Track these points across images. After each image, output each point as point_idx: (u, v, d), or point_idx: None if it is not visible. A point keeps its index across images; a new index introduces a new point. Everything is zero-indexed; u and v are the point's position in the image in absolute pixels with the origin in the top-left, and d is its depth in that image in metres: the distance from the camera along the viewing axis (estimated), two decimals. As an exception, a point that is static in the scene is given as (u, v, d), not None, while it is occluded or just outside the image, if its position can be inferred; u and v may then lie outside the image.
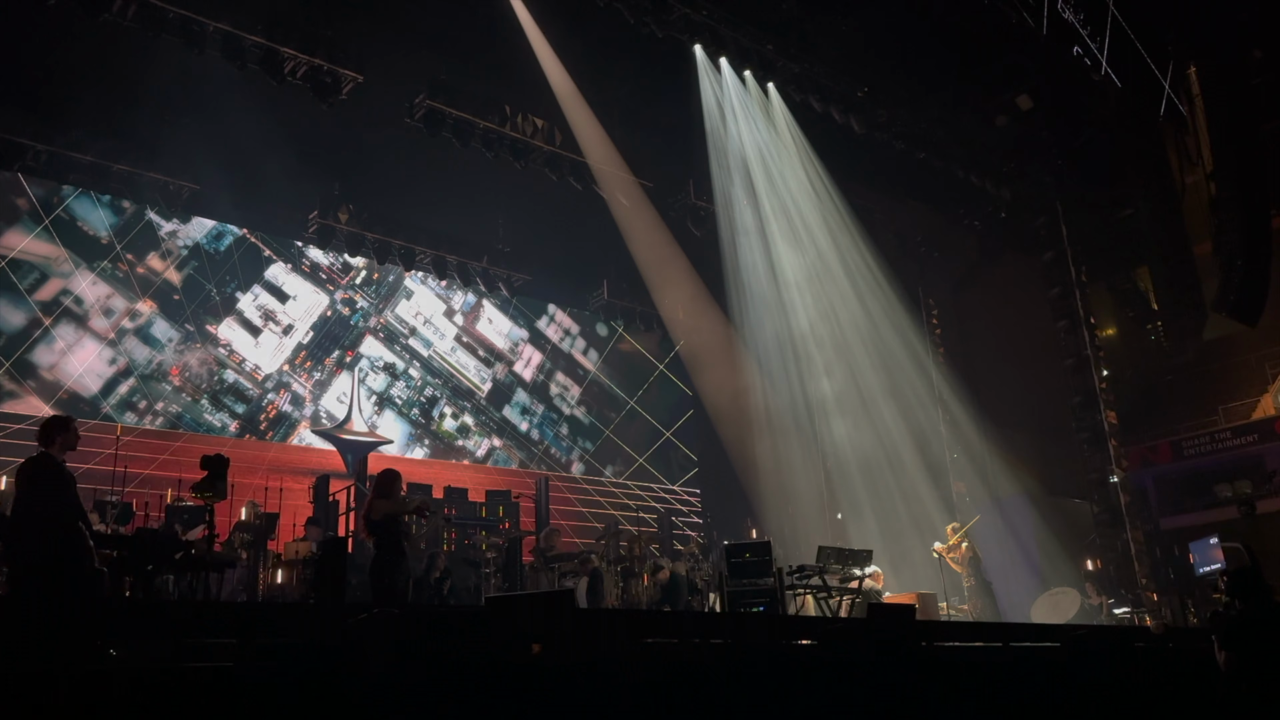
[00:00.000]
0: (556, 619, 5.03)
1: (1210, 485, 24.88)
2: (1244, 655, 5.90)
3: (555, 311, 20.65)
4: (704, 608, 12.25)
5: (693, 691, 5.12)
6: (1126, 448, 20.28)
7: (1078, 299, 19.44)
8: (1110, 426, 18.91)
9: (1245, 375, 26.86)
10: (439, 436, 18.19)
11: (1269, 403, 25.44)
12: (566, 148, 16.39)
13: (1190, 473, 25.51)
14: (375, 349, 17.83)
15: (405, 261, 17.75)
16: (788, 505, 18.90)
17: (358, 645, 4.00)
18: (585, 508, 19.08)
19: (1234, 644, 5.97)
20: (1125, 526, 18.22)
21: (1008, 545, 18.62)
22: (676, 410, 21.54)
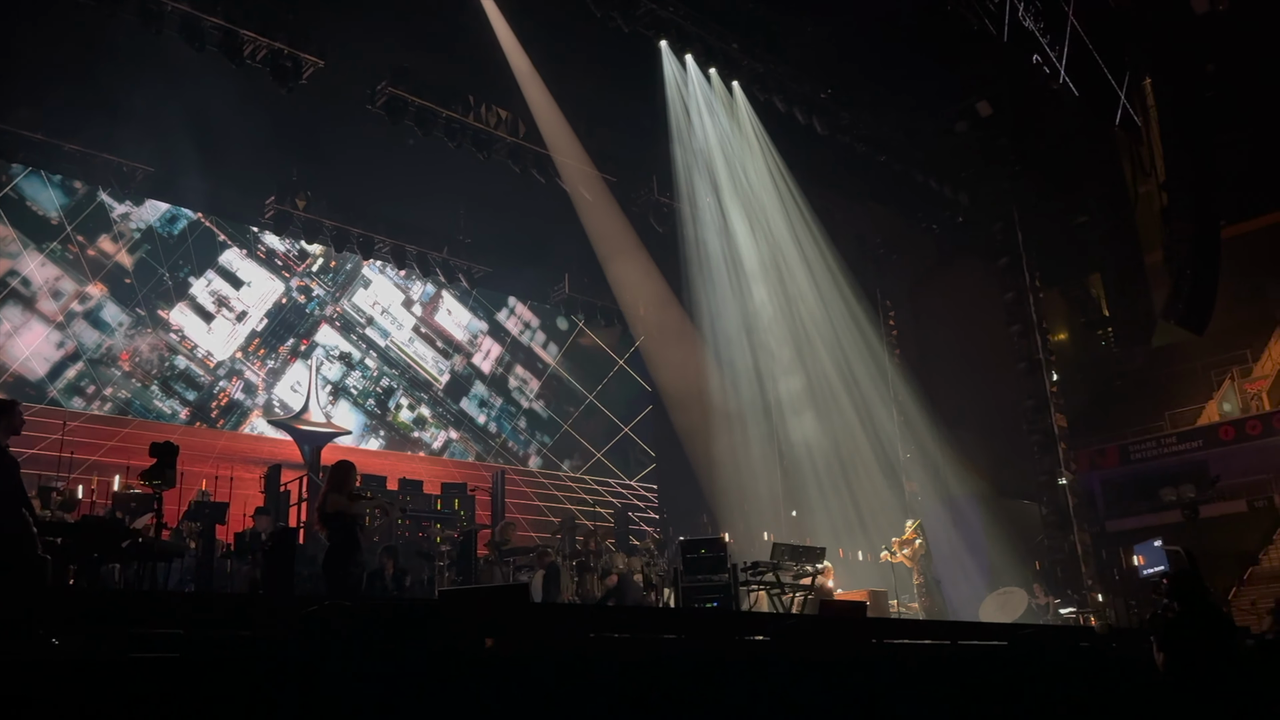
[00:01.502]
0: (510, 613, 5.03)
1: (1156, 489, 25.46)
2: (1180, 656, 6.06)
3: (515, 304, 20.57)
4: (659, 603, 12.29)
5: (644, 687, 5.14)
6: (1075, 451, 20.66)
7: (1031, 304, 19.77)
8: (1060, 430, 19.27)
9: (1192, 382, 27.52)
10: (395, 428, 18.05)
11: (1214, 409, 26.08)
12: (530, 140, 16.33)
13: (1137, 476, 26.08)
14: (331, 338, 17.64)
15: (363, 250, 17.57)
16: (744, 502, 19.02)
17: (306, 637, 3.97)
18: (542, 502, 19.04)
19: (1171, 645, 6.13)
20: (1073, 528, 18.58)
21: (958, 544, 18.90)
22: (635, 405, 21.57)
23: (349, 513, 7.96)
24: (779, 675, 6.02)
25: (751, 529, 18.19)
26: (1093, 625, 13.13)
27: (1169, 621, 6.22)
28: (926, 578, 13.45)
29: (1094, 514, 22.82)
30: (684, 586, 10.87)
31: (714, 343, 19.25)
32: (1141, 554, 15.76)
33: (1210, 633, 6.11)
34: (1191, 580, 6.46)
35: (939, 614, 13.01)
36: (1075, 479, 19.49)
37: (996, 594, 15.28)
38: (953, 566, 17.45)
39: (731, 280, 18.77)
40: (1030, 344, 19.71)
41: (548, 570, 11.57)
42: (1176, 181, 19.39)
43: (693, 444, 19.87)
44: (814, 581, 11.48)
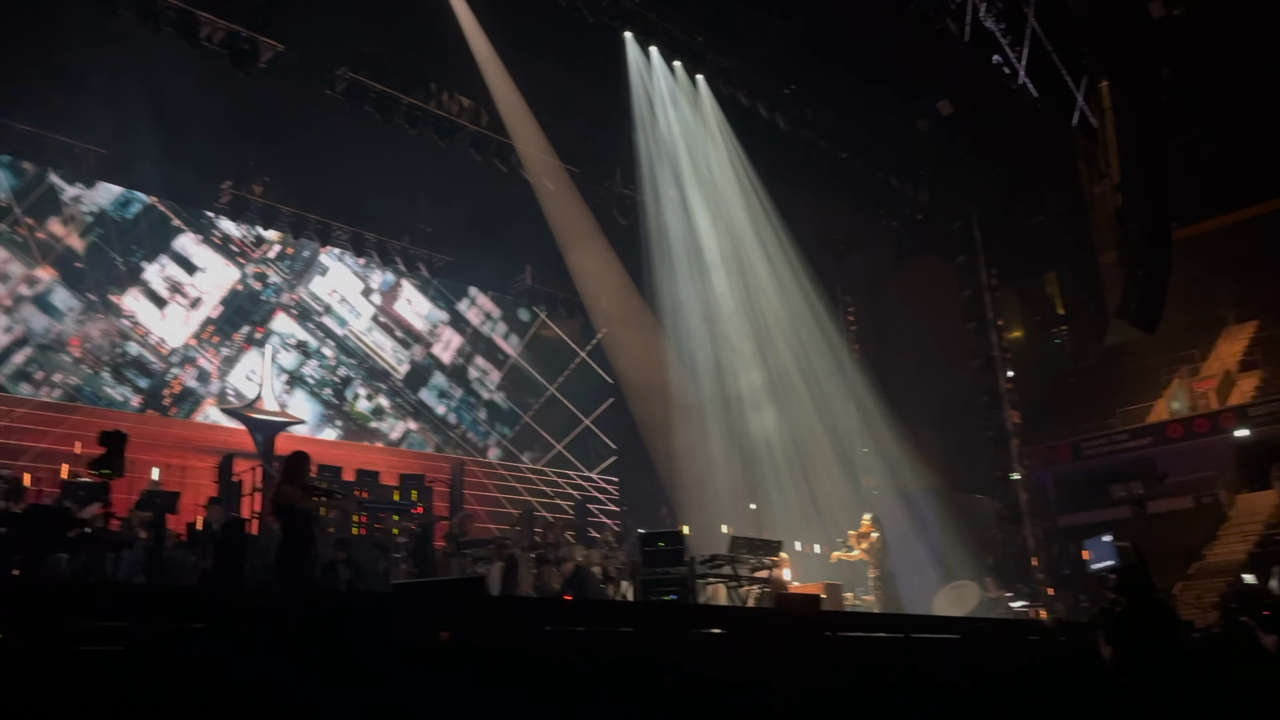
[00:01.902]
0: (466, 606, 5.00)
1: (1106, 485, 25.95)
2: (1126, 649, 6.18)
3: (477, 295, 20.44)
4: (617, 596, 12.29)
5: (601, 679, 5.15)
6: (1029, 447, 21.00)
7: (987, 302, 20.04)
8: (1014, 426, 19.57)
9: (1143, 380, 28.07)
10: (352, 418, 17.87)
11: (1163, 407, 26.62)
12: (493, 129, 16.22)
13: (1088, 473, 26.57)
14: (287, 326, 17.41)
15: (321, 237, 17.35)
16: (704, 495, 19.08)
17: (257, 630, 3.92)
18: (501, 494, 18.97)
19: (1117, 639, 6.25)
20: (1025, 523, 18.90)
21: (913, 538, 19.12)
22: (596, 398, 21.55)
23: (300, 507, 7.86)
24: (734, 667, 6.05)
25: (711, 522, 18.23)
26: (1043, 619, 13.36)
27: (1116, 616, 6.34)
28: (883, 571, 13.57)
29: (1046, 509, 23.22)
30: (642, 579, 10.87)
31: (675, 336, 19.27)
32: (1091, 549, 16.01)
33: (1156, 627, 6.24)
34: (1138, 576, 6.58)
35: (894, 607, 13.15)
36: (1028, 474, 19.82)
37: (950, 587, 15.48)
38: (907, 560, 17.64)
39: (693, 274, 18.80)
40: (986, 341, 19.99)
41: (506, 562, 11.51)
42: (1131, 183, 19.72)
43: (653, 437, 19.90)
44: (770, 574, 11.54)
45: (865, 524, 13.90)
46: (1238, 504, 23.79)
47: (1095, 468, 26.43)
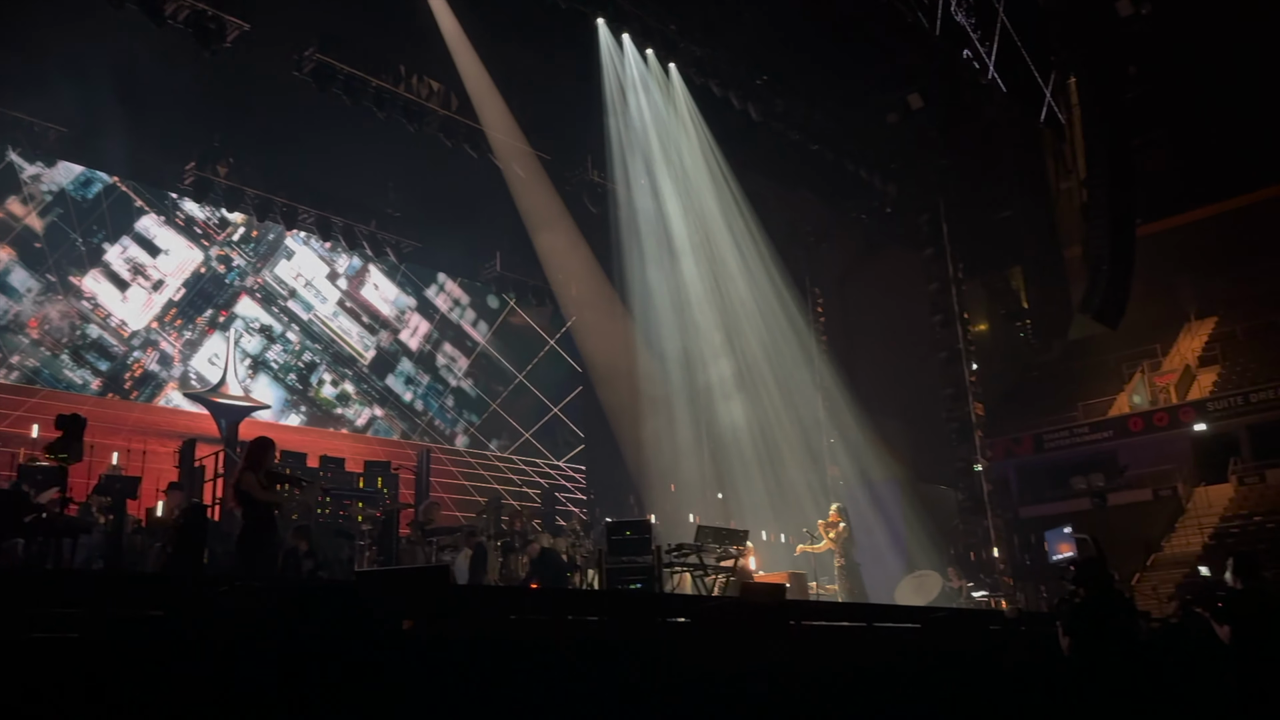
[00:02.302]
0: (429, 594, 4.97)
1: (1067, 477, 26.38)
2: (1084, 641, 6.28)
3: (445, 281, 20.30)
4: (583, 584, 12.29)
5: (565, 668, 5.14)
6: (992, 439, 21.25)
7: (954, 295, 20.22)
8: (978, 418, 19.78)
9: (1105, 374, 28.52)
10: (317, 404, 17.70)
11: (1124, 401, 27.06)
12: (463, 114, 16.08)
13: (1050, 465, 26.98)
14: (251, 310, 17.19)
15: (287, 220, 17.13)
16: (671, 484, 19.13)
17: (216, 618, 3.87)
18: (468, 481, 18.88)
19: (1076, 630, 6.34)
20: (987, 514, 19.12)
21: (877, 528, 19.31)
22: (565, 386, 21.50)
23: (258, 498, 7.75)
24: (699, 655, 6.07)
25: (678, 511, 18.30)
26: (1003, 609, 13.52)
27: (1074, 607, 6.42)
28: (848, 560, 13.65)
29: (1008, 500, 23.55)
30: (608, 568, 10.87)
31: (645, 325, 19.27)
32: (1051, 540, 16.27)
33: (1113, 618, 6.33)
34: (1097, 567, 6.67)
35: (859, 596, 13.25)
36: (991, 466, 20.05)
37: (912, 576, 15.64)
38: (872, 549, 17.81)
39: (663, 263, 18.79)
40: (951, 334, 20.17)
41: (475, 551, 11.46)
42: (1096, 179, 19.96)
43: (621, 426, 19.91)
44: (736, 564, 11.59)
45: (833, 514, 13.99)
46: (1195, 497, 24.27)
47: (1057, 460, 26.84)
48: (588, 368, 21.01)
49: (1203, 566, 18.40)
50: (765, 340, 19.50)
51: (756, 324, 19.39)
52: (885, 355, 22.91)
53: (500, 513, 14.33)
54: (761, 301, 19.39)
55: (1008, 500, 23.56)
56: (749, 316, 19.32)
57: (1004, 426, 25.79)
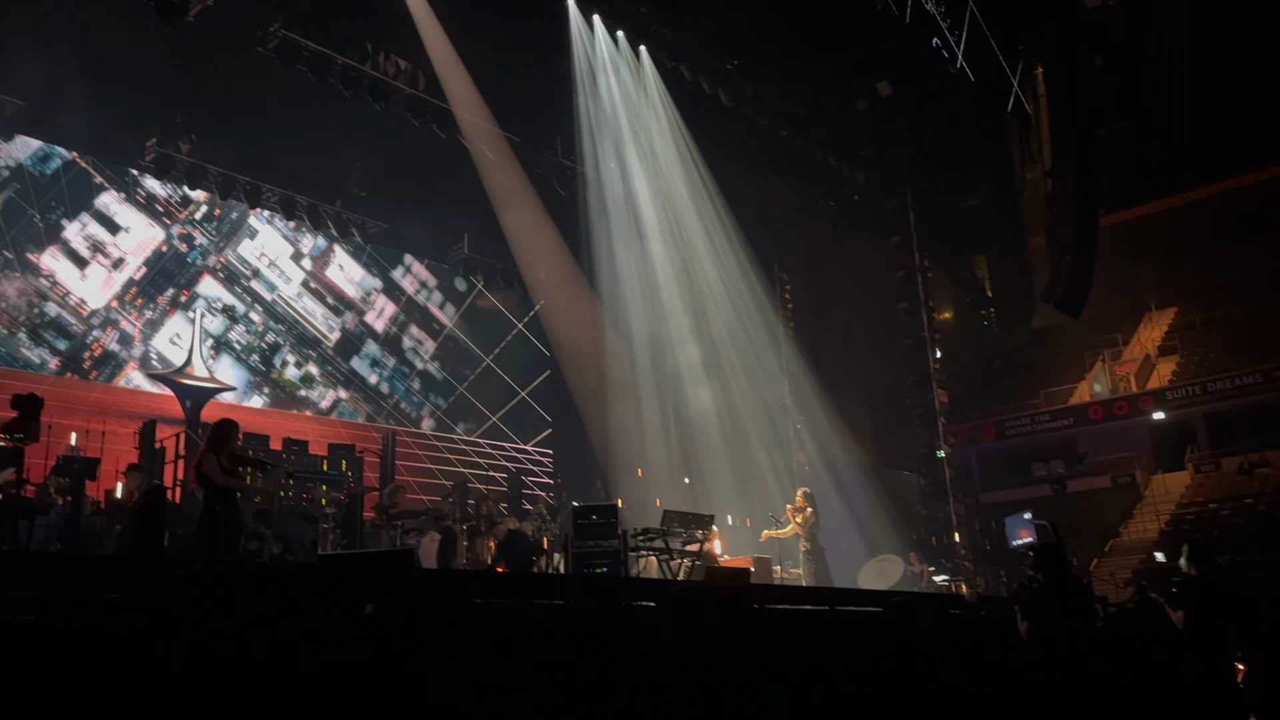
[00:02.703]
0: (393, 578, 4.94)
1: (1028, 464, 26.75)
2: (1042, 625, 6.38)
3: (412, 262, 20.12)
4: (549, 568, 12.29)
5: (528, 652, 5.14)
6: (954, 425, 21.49)
7: (919, 283, 20.38)
8: (941, 405, 19.98)
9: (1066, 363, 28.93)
10: (280, 385, 17.51)
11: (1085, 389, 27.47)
12: (430, 93, 15.90)
13: (1011, 451, 27.35)
14: (214, 289, 16.95)
15: (250, 199, 16.87)
16: (638, 469, 19.15)
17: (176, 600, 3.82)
18: (434, 465, 18.79)
19: (1034, 615, 6.44)
20: (949, 499, 19.35)
21: (841, 513, 19.48)
22: (533, 370, 21.42)
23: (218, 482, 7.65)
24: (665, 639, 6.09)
25: (645, 496, 18.33)
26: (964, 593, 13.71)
27: (1033, 592, 6.52)
28: (814, 545, 13.76)
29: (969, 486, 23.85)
30: (574, 551, 10.88)
31: (613, 309, 19.24)
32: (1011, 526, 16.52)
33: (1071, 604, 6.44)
34: (1055, 553, 6.77)
35: (824, 580, 13.37)
36: (953, 452, 20.27)
37: (875, 561, 15.80)
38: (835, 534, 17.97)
39: (632, 247, 18.75)
40: (916, 321, 20.34)
41: (444, 536, 11.40)
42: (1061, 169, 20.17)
43: (589, 410, 19.89)
44: (701, 548, 11.64)
45: (799, 498, 14.08)
46: (1152, 484, 24.71)
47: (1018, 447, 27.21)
48: (556, 352, 20.95)
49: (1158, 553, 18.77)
50: (733, 325, 19.54)
51: (725, 309, 19.43)
52: (851, 342, 23.07)
53: (467, 496, 14.27)
54: (730, 286, 19.43)
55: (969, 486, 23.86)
56: (717, 301, 19.35)
57: (967, 413, 26.09)
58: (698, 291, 19.26)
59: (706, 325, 19.34)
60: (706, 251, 19.10)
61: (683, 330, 19.45)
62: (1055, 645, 6.33)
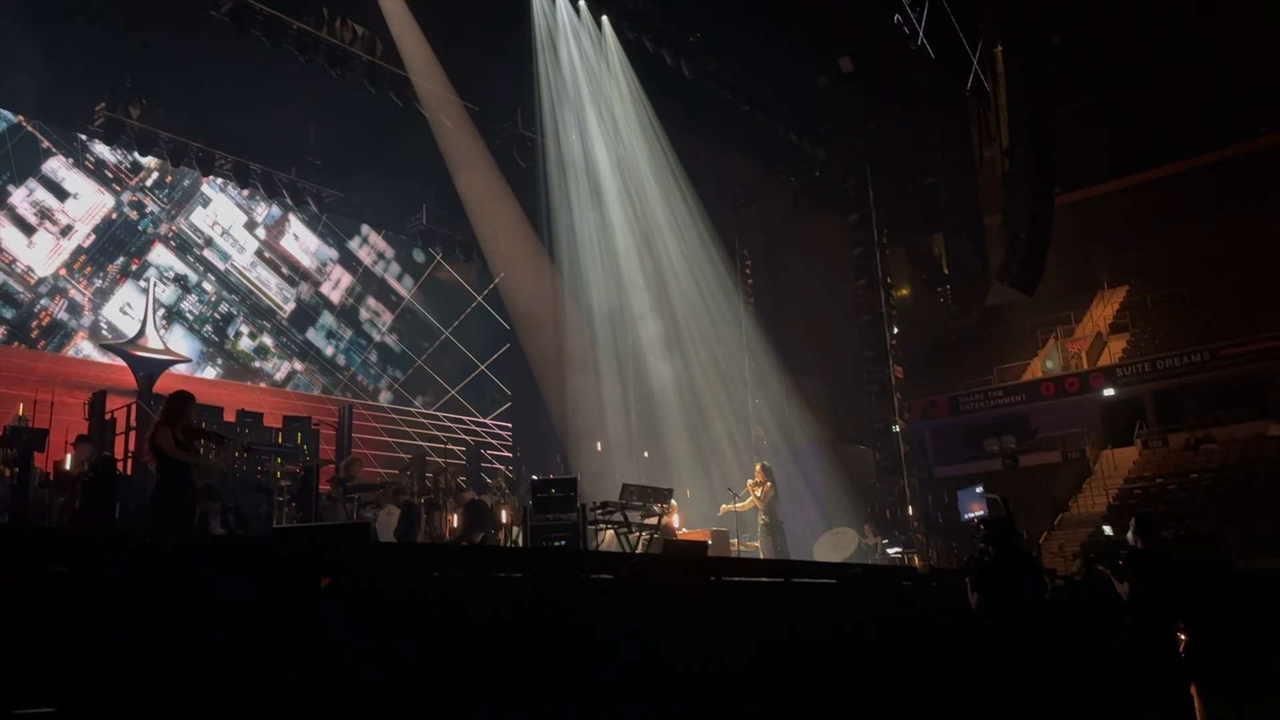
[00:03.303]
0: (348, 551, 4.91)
1: (980, 439, 27.21)
2: (992, 597, 6.52)
3: (369, 233, 19.85)
4: (507, 542, 12.29)
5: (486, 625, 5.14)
6: (910, 401, 21.75)
7: (878, 260, 20.52)
8: (897, 380, 20.20)
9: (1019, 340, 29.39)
10: (234, 356, 17.26)
11: (1038, 366, 27.93)
12: (388, 60, 15.64)
13: (964, 426, 27.79)
14: (165, 258, 16.61)
15: (203, 166, 16.51)
16: (597, 443, 19.18)
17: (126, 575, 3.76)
18: (392, 438, 18.66)
19: (983, 586, 6.58)
20: (903, 473, 19.62)
21: (799, 486, 19.68)
22: (493, 343, 21.31)
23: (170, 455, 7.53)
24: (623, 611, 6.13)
25: (604, 469, 18.38)
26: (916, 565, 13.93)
27: (983, 564, 6.65)
28: (772, 519, 13.87)
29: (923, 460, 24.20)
30: (533, 525, 10.89)
31: (573, 282, 19.16)
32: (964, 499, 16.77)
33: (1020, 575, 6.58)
34: (1006, 526, 6.90)
35: (781, 553, 13.50)
36: (908, 427, 20.53)
37: (830, 533, 15.99)
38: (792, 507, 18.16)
39: (593, 220, 18.66)
40: (874, 298, 20.50)
41: (405, 510, 11.33)
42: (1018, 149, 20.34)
43: (549, 383, 19.84)
44: (660, 521, 11.70)
45: (759, 472, 14.17)
46: (1102, 459, 25.25)
47: (971, 422, 27.65)
48: (515, 325, 20.84)
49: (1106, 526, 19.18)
50: (693, 300, 19.57)
51: (685, 283, 19.43)
52: (810, 317, 23.22)
53: (425, 470, 14.21)
54: (690, 261, 19.43)
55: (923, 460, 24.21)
56: (678, 276, 19.34)
57: (922, 389, 26.43)
58: (658, 266, 19.23)
59: (667, 299, 19.34)
60: (668, 225, 19.07)
61: (643, 304, 19.43)
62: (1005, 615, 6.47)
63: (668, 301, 19.32)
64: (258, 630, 3.85)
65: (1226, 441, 23.64)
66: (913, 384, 22.80)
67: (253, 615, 3.88)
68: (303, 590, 4.19)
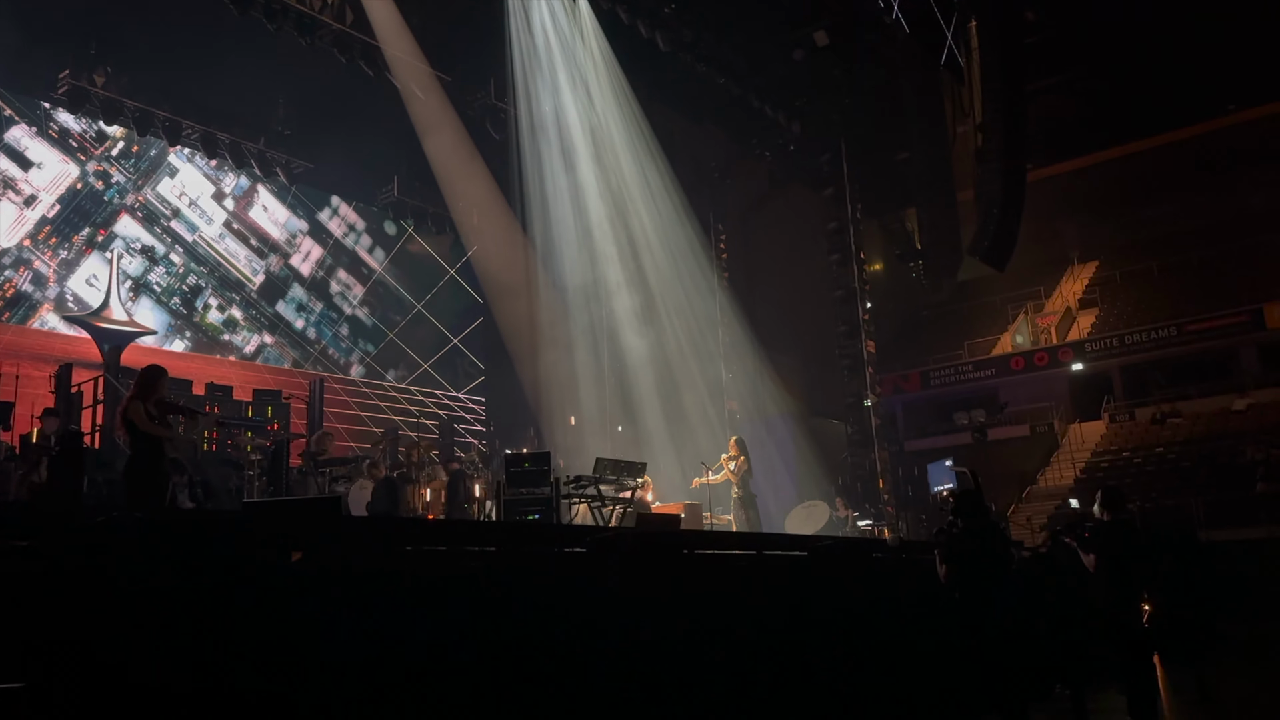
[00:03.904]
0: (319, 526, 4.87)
1: (950, 413, 27.47)
2: (960, 568, 6.60)
3: (339, 204, 19.64)
4: (481, 516, 12.29)
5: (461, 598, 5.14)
6: (881, 375, 21.90)
7: (851, 235, 20.58)
8: (869, 355, 20.32)
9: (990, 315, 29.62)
10: (202, 329, 17.06)
11: (1008, 341, 28.19)
12: (358, 28, 15.41)
13: (935, 401, 28.04)
14: (132, 229, 16.35)
15: (169, 135, 16.24)
16: (571, 417, 19.17)
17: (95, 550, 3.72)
18: (364, 412, 18.58)
19: (952, 558, 6.66)
20: (874, 447, 19.79)
21: (772, 459, 19.80)
22: (466, 317, 21.20)
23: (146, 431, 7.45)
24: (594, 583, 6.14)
25: (578, 443, 18.39)
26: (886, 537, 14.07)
27: (952, 536, 6.72)
28: (745, 492, 13.95)
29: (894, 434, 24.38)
30: (506, 499, 10.90)
31: (546, 256, 19.07)
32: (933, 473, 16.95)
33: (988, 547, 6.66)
34: (974, 499, 6.98)
35: (754, 526, 13.58)
36: (879, 401, 20.68)
37: (802, 506, 16.11)
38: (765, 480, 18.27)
39: (567, 195, 18.55)
40: (848, 273, 20.58)
41: (383, 485, 11.28)
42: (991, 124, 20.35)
43: (522, 357, 19.79)
44: (634, 495, 11.75)
45: (732, 446, 14.23)
46: (1069, 433, 25.57)
47: (942, 396, 27.91)
48: (488, 298, 20.74)
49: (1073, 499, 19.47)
50: (667, 273, 19.54)
51: (659, 257, 19.39)
52: (783, 292, 23.27)
53: (397, 444, 14.17)
54: (665, 234, 19.38)
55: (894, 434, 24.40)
56: (652, 249, 19.30)
57: (893, 364, 26.62)
58: (633, 239, 19.17)
59: (641, 273, 19.30)
60: (642, 198, 18.99)
61: (617, 277, 19.39)
62: (972, 587, 6.56)
63: (642, 275, 19.28)
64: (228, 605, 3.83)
65: (1192, 416, 24.02)
66: (884, 358, 22.94)
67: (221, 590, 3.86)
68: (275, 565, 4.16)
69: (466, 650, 4.84)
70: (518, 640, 5.15)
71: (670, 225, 19.39)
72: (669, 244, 19.46)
